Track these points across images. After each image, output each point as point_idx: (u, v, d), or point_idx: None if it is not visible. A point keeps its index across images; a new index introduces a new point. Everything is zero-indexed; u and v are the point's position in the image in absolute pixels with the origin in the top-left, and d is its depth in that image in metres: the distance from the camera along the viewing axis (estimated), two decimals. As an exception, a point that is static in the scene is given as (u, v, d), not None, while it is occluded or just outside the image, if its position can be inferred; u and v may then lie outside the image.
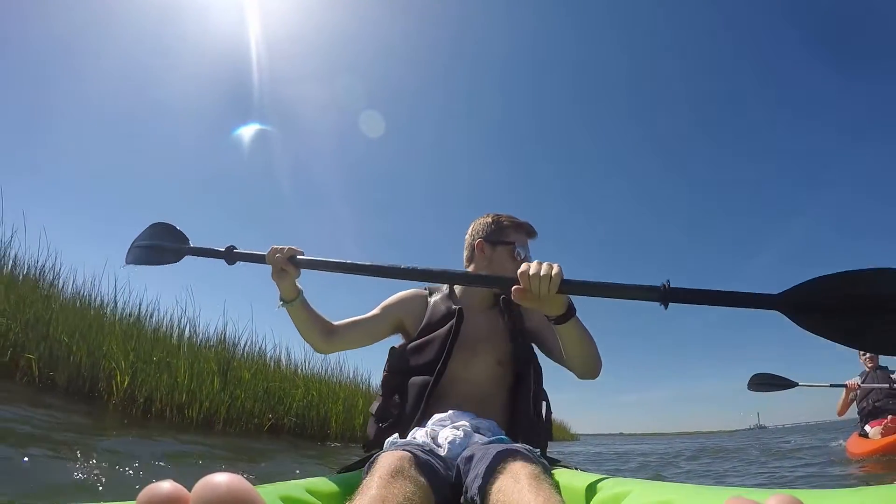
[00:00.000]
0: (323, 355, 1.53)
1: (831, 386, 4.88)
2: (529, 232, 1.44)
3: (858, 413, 4.59)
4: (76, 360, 3.62)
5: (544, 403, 1.35)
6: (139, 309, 4.70)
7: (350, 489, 0.83)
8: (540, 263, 1.01)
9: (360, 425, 5.40)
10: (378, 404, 1.32)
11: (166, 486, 0.39)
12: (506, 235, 1.40)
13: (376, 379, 1.45)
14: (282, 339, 5.75)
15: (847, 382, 4.75)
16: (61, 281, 4.35)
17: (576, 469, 1.08)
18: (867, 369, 4.63)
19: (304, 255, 1.28)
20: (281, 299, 1.32)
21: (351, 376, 6.39)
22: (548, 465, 0.99)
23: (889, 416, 4.20)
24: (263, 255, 1.28)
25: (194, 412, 4.11)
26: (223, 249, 1.33)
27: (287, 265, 1.25)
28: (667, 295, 0.92)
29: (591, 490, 0.83)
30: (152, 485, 0.39)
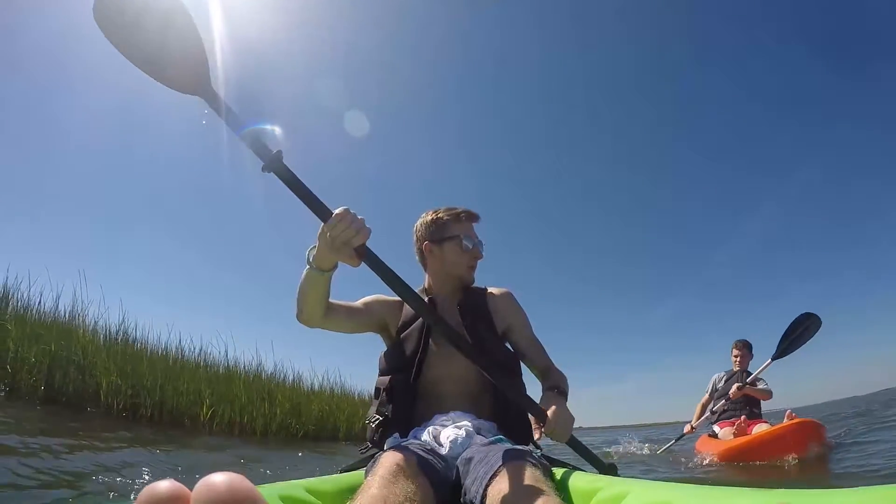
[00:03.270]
0: (308, 327, 1.20)
1: (677, 439, 4.71)
2: (471, 218, 1.33)
3: (712, 413, 4.28)
4: (166, 399, 4.44)
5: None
6: (202, 353, 5.67)
7: (350, 489, 0.80)
8: (557, 419, 1.07)
9: (361, 429, 6.05)
10: (372, 409, 1.23)
11: (166, 485, 0.37)
12: (448, 230, 1.30)
13: (369, 390, 1.39)
14: (296, 366, 6.74)
15: (685, 429, 4.59)
16: (141, 338, 5.11)
17: (576, 469, 1.02)
18: (734, 370, 4.37)
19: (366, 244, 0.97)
20: (312, 262, 1.02)
21: (344, 390, 7.35)
22: (548, 464, 0.94)
23: (742, 417, 3.90)
24: (329, 211, 0.94)
25: (258, 427, 5.13)
26: (269, 147, 0.94)
27: (352, 256, 0.96)
28: (607, 470, 1.13)
29: (591, 490, 0.78)
30: (152, 484, 0.37)
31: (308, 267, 1.04)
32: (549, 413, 1.07)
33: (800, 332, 3.49)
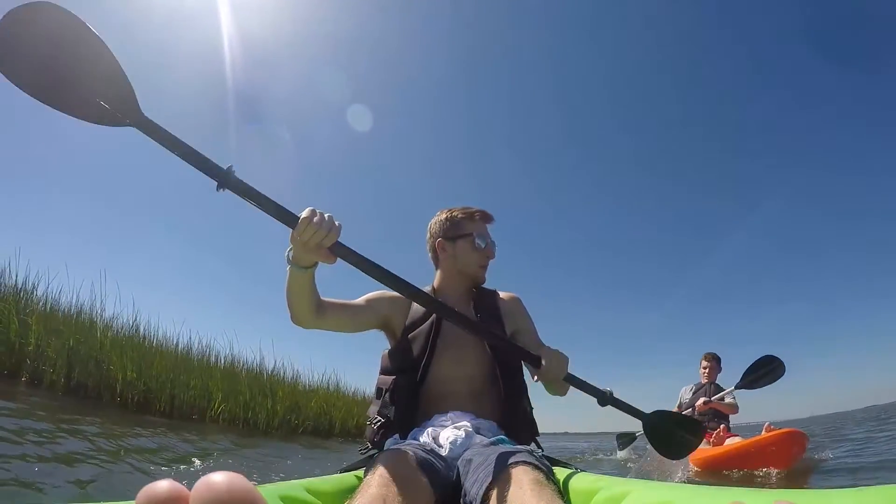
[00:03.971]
0: (306, 329, 1.15)
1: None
2: (485, 218, 1.32)
3: None
4: (177, 394, 4.71)
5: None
6: (208, 350, 5.92)
7: (350, 489, 0.80)
8: (552, 360, 1.08)
9: (355, 426, 6.61)
10: (373, 408, 1.19)
11: (165, 485, 0.34)
12: (462, 228, 1.30)
13: (368, 390, 1.35)
14: (295, 363, 6.93)
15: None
16: (153, 332, 5.35)
17: (576, 469, 1.01)
18: (702, 382, 4.35)
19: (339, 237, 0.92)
20: (292, 261, 0.98)
21: (340, 389, 7.58)
22: (549, 465, 0.92)
23: (722, 426, 3.89)
24: (294, 217, 0.90)
25: (261, 422, 5.46)
26: (219, 165, 0.84)
27: (327, 255, 0.93)
28: (606, 400, 1.15)
29: (592, 490, 0.78)
30: (151, 484, 0.34)
31: (289, 266, 1.00)
32: (543, 356, 1.09)
33: (762, 373, 3.48)
